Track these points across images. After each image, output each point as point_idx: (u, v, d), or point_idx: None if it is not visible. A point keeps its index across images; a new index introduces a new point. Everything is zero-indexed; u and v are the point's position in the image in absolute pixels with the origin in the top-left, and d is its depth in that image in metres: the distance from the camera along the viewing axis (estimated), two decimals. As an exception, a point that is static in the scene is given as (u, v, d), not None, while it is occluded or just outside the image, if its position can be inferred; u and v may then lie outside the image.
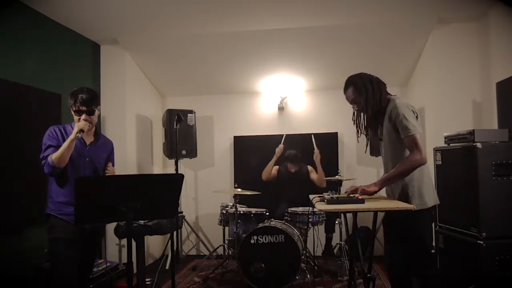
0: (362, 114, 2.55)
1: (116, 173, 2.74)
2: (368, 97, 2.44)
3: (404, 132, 2.27)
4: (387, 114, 2.39)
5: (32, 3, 3.51)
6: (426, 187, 2.34)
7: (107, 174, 2.52)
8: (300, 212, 4.11)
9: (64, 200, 2.42)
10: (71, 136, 2.37)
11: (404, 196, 2.33)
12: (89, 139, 2.57)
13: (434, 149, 3.40)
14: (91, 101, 2.48)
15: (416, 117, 2.33)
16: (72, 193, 2.18)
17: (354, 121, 2.62)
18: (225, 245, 4.69)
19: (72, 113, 2.50)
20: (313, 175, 4.70)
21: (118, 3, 3.65)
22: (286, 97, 5.39)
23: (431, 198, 2.34)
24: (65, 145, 2.35)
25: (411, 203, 2.26)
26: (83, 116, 2.44)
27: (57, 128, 2.51)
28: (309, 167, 4.77)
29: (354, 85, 2.49)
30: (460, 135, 3.10)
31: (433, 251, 3.15)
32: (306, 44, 4.54)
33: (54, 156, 2.35)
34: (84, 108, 2.45)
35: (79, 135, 2.37)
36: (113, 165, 2.73)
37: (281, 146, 4.77)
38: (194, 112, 5.06)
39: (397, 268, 2.47)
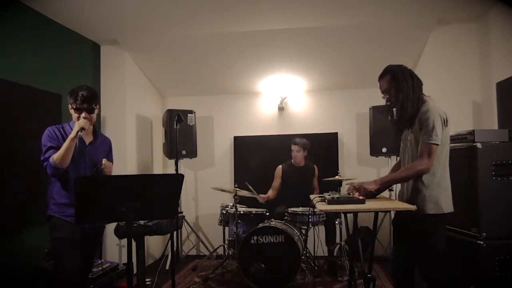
0: (395, 107, 2.41)
1: (116, 173, 2.74)
2: (408, 93, 2.32)
3: (425, 136, 2.25)
4: (418, 115, 2.32)
5: (32, 3, 3.51)
6: (443, 192, 2.31)
7: (103, 169, 2.47)
8: (300, 212, 4.10)
9: (66, 202, 2.41)
10: (72, 135, 2.34)
11: (418, 197, 2.29)
12: (88, 139, 2.55)
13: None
14: (91, 98, 2.45)
15: (446, 124, 2.30)
16: (73, 195, 2.15)
17: (387, 111, 2.50)
18: (225, 245, 4.68)
19: (72, 111, 2.47)
20: (315, 181, 4.68)
21: (118, 3, 3.66)
22: (286, 97, 5.39)
23: (446, 204, 2.31)
24: (66, 144, 2.33)
25: (425, 206, 2.25)
26: (83, 114, 2.42)
27: (56, 129, 2.48)
28: (316, 168, 4.71)
29: (393, 75, 2.37)
30: (460, 135, 3.10)
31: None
32: (306, 44, 4.54)
33: (55, 157, 2.33)
34: (84, 106, 2.42)
35: (81, 133, 2.34)
36: (112, 163, 2.71)
37: (262, 196, 4.58)
38: (194, 112, 5.06)
39: (401, 269, 2.47)
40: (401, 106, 2.36)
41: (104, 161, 2.48)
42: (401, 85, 2.35)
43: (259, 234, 3.75)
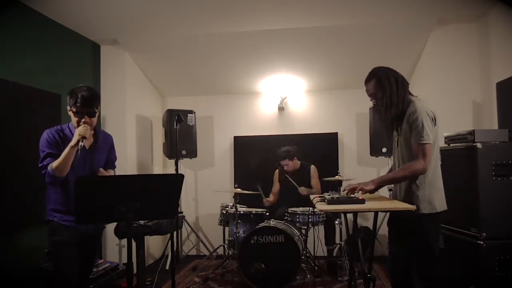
0: (381, 110, 2.43)
1: (116, 173, 2.72)
2: (392, 96, 2.33)
3: (416, 137, 2.25)
4: (406, 116, 2.33)
5: (32, 3, 3.51)
6: (436, 192, 2.32)
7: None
8: (300, 212, 4.10)
9: (65, 209, 2.32)
10: (72, 143, 2.22)
11: (412, 198, 2.30)
12: (88, 142, 2.40)
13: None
14: (92, 100, 2.30)
15: (434, 122, 2.30)
16: (72, 201, 2.10)
17: (377, 113, 2.53)
18: (225, 245, 4.69)
19: (71, 114, 2.32)
20: (313, 181, 4.59)
21: (118, 3, 3.66)
22: (286, 97, 5.39)
23: (440, 203, 2.33)
24: (65, 153, 2.22)
25: (419, 206, 2.26)
26: (84, 119, 2.28)
27: (55, 132, 2.35)
28: (312, 168, 4.64)
29: (378, 79, 2.38)
30: (460, 135, 3.09)
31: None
32: (306, 44, 4.54)
33: (54, 165, 2.22)
34: (85, 110, 2.27)
35: (82, 143, 2.21)
36: (115, 159, 2.65)
37: (266, 199, 4.61)
38: (194, 112, 5.06)
39: (399, 269, 2.47)
40: (384, 109, 2.38)
41: (100, 171, 2.38)
42: (384, 88, 2.36)
43: (259, 234, 3.75)
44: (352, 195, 2.33)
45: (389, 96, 2.34)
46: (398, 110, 2.35)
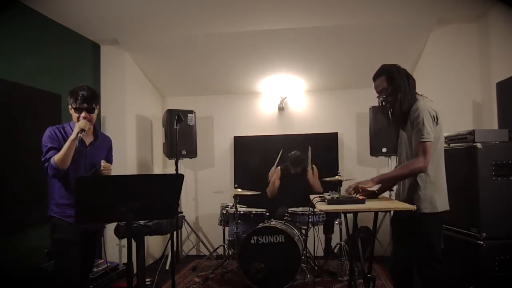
0: (393, 105, 2.41)
1: (116, 173, 2.73)
2: (406, 92, 2.34)
3: (417, 135, 2.26)
4: (410, 114, 2.33)
5: (32, 3, 3.51)
6: (439, 192, 2.32)
7: (102, 170, 2.46)
8: (300, 212, 4.10)
9: (66, 203, 2.40)
10: (72, 136, 2.35)
11: (414, 197, 2.31)
12: (88, 139, 2.54)
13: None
14: (92, 98, 2.45)
15: (437, 121, 2.30)
16: (73, 195, 2.17)
17: (382, 111, 2.51)
18: (225, 245, 4.68)
19: (72, 111, 2.46)
20: (310, 175, 4.54)
21: (118, 3, 3.66)
22: (286, 97, 5.39)
23: (442, 203, 2.32)
24: (66, 145, 2.33)
25: (420, 206, 2.26)
26: (83, 114, 2.41)
27: (57, 129, 2.48)
28: (311, 169, 4.63)
29: (390, 75, 2.38)
30: (460, 135, 3.10)
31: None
32: (306, 44, 4.54)
33: (56, 158, 2.33)
34: (85, 106, 2.42)
35: (81, 135, 2.35)
36: (111, 163, 2.70)
37: (274, 169, 4.61)
38: (194, 112, 5.06)
39: (400, 269, 2.47)
40: (399, 105, 2.36)
41: (103, 162, 2.47)
42: (399, 83, 2.36)
43: (259, 234, 3.75)
44: (352, 195, 2.33)
45: (404, 92, 2.34)
46: (409, 106, 2.35)
